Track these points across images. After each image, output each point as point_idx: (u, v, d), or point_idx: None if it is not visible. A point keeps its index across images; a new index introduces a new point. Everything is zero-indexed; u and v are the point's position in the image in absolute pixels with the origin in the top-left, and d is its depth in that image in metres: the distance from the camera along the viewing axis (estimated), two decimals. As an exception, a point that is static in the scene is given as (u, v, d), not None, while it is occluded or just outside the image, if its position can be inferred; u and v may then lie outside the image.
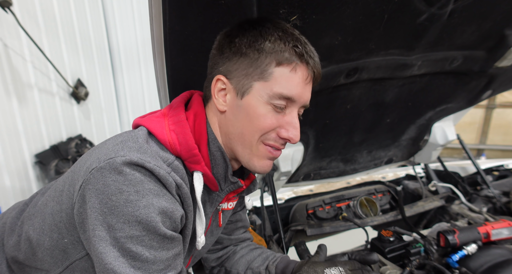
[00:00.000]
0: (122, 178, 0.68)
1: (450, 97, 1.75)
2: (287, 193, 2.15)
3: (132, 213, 0.67)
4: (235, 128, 0.82)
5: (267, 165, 0.86)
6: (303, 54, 0.78)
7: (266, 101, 0.78)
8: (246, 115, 0.79)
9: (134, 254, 0.68)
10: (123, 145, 0.73)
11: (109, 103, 4.42)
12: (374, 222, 1.71)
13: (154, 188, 0.70)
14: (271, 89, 0.77)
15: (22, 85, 2.91)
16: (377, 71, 1.32)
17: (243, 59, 0.78)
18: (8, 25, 2.72)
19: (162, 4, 0.78)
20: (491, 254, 1.20)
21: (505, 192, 1.88)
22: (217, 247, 1.21)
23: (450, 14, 1.13)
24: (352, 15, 1.00)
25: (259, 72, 0.77)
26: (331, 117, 1.55)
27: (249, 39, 0.77)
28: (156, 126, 0.80)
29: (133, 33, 4.35)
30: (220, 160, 0.85)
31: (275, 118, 0.80)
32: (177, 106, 0.85)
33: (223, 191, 0.92)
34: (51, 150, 3.21)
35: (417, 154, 2.16)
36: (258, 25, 0.79)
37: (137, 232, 0.68)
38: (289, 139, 0.82)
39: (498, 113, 7.21)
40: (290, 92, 0.78)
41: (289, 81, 0.78)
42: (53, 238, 0.79)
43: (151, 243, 0.70)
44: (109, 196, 0.67)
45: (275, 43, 0.76)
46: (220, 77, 0.81)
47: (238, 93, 0.80)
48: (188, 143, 0.78)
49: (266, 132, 0.81)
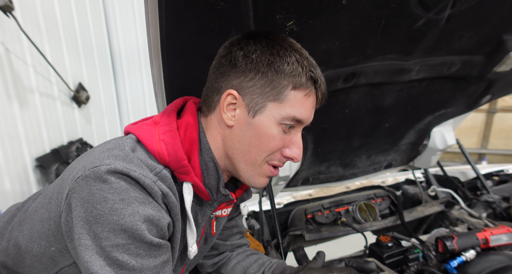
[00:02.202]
0: (107, 186, 0.67)
1: (449, 102, 1.75)
2: (286, 197, 2.14)
3: (117, 221, 0.66)
4: (241, 145, 0.82)
5: (265, 182, 0.89)
6: (317, 80, 0.81)
7: (278, 122, 0.80)
8: (256, 134, 0.80)
9: (121, 262, 0.68)
10: (109, 153, 0.72)
11: (110, 107, 4.43)
12: (373, 227, 1.70)
13: (139, 196, 0.69)
14: (284, 111, 0.79)
15: (23, 89, 2.93)
16: (375, 76, 1.33)
17: (260, 78, 0.78)
18: (10, 29, 2.74)
19: (158, 10, 0.79)
20: (490, 260, 1.19)
21: (505, 197, 1.87)
22: (213, 253, 1.21)
23: (448, 20, 1.13)
24: (349, 20, 1.00)
25: (275, 93, 0.78)
26: (329, 122, 1.55)
27: (267, 58, 0.77)
28: (146, 135, 0.79)
29: (134, 37, 4.37)
30: (212, 171, 0.85)
31: (282, 138, 0.82)
32: (169, 114, 0.84)
33: (216, 201, 0.91)
34: (52, 154, 3.21)
35: (416, 159, 2.16)
36: (275, 43, 0.79)
37: (123, 241, 0.67)
38: (293, 158, 0.85)
39: (499, 117, 7.20)
40: (301, 116, 0.81)
41: (302, 105, 0.80)
42: (41, 245, 0.79)
43: (138, 251, 0.69)
44: (94, 205, 0.66)
45: (293, 66, 0.77)
46: (232, 91, 0.80)
47: (250, 111, 0.80)
48: (177, 154, 0.77)
49: (273, 152, 0.83)
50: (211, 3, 0.80)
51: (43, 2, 3.15)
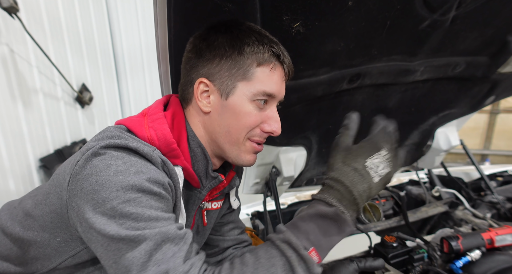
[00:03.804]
0: (108, 155, 0.70)
1: (453, 103, 1.75)
2: (290, 197, 2.15)
3: (123, 179, 0.67)
4: (221, 127, 0.86)
5: (253, 159, 0.92)
6: (280, 54, 0.84)
7: (250, 99, 0.83)
8: (232, 114, 0.84)
9: (136, 215, 0.67)
10: (102, 135, 0.77)
11: (113, 108, 4.44)
12: (377, 228, 1.71)
13: (140, 161, 0.72)
14: (254, 88, 0.82)
15: (27, 90, 2.94)
16: (380, 77, 1.33)
17: (225, 61, 0.82)
18: (14, 30, 2.75)
19: (167, 11, 0.80)
20: (495, 260, 1.19)
21: (509, 197, 1.87)
22: (215, 251, 1.21)
23: (453, 21, 1.13)
24: (354, 21, 1.01)
25: (242, 73, 0.82)
26: (334, 123, 1.56)
27: (228, 42, 0.81)
28: (135, 124, 0.82)
29: (137, 39, 4.38)
30: (200, 156, 0.89)
31: (259, 115, 0.85)
32: (156, 106, 0.88)
33: (205, 188, 0.94)
34: (55, 154, 3.22)
35: (420, 159, 2.16)
36: (234, 28, 0.83)
37: (133, 195, 0.67)
38: (272, 132, 0.88)
39: (502, 118, 7.17)
40: (271, 89, 0.84)
41: (269, 79, 0.83)
42: (44, 237, 0.80)
43: (149, 202, 0.69)
44: (98, 173, 0.68)
45: (254, 45, 0.81)
46: (202, 79, 0.84)
47: (222, 94, 0.84)
48: (166, 138, 0.80)
49: (252, 128, 0.86)
50: (219, 5, 0.82)
51: (47, 4, 3.17)
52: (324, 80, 1.23)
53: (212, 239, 1.19)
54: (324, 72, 1.20)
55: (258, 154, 0.94)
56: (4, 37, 2.66)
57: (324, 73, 1.21)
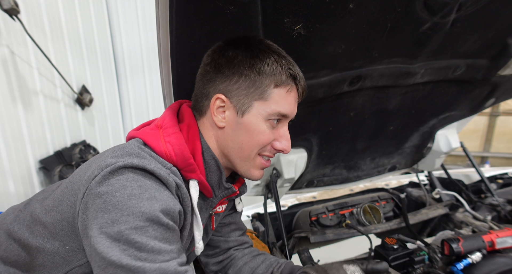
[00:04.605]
0: (125, 176, 0.71)
1: (453, 105, 1.75)
2: (290, 199, 2.15)
3: (136, 204, 0.69)
4: (234, 143, 0.88)
5: (261, 175, 0.96)
6: (296, 76, 0.87)
7: (265, 119, 0.86)
8: (246, 131, 0.86)
9: (140, 244, 0.68)
10: (122, 152, 0.77)
11: (113, 109, 4.44)
12: (378, 230, 1.71)
13: (155, 185, 0.74)
14: (270, 108, 0.85)
15: (28, 92, 2.94)
16: (380, 79, 1.33)
17: (244, 80, 0.83)
18: (15, 32, 2.75)
19: (169, 13, 0.80)
20: (496, 262, 1.19)
21: (510, 200, 1.87)
22: (216, 251, 1.21)
23: (453, 23, 1.14)
24: (355, 24, 1.01)
25: (259, 92, 0.84)
26: (334, 125, 1.56)
27: (248, 62, 0.83)
28: (151, 138, 0.84)
29: (137, 41, 4.39)
30: (214, 167, 0.91)
31: (272, 133, 0.88)
32: (170, 118, 0.89)
33: (217, 197, 0.97)
34: (55, 156, 3.22)
35: (420, 161, 2.16)
36: (254, 47, 0.85)
37: (141, 223, 0.69)
38: (283, 150, 0.91)
39: (501, 120, 7.18)
40: (285, 110, 0.87)
41: (285, 101, 0.86)
42: (54, 245, 0.81)
43: (155, 233, 0.71)
44: (113, 193, 0.69)
45: (273, 66, 0.83)
46: (220, 96, 0.85)
47: (238, 112, 0.86)
48: (183, 153, 0.82)
49: (264, 146, 0.89)
50: (221, 7, 0.82)
51: (48, 6, 3.17)
52: (325, 82, 1.23)
53: (213, 240, 1.20)
54: (325, 74, 1.20)
55: None
56: (5, 38, 2.66)
57: (325, 75, 1.21)
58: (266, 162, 0.94)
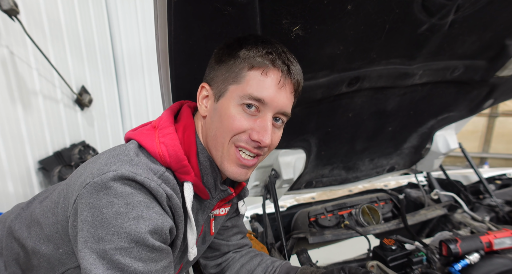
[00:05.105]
0: (113, 191, 0.70)
1: (452, 106, 1.76)
2: (289, 200, 2.15)
3: (121, 224, 0.68)
4: (211, 130, 0.85)
5: (238, 172, 0.85)
6: (275, 59, 0.79)
7: (237, 103, 0.80)
8: (219, 116, 0.82)
9: (123, 266, 0.69)
10: (115, 159, 0.75)
11: (113, 110, 4.44)
12: (376, 230, 1.71)
13: (144, 201, 0.72)
14: (242, 91, 0.79)
15: (27, 92, 2.94)
16: (379, 80, 1.34)
17: (222, 66, 0.83)
18: (14, 33, 2.76)
19: (167, 15, 0.80)
20: (494, 263, 1.20)
21: (508, 201, 1.87)
22: (215, 254, 1.21)
23: (451, 25, 1.14)
24: (354, 25, 1.01)
25: (233, 76, 0.81)
26: (333, 126, 1.56)
27: (229, 49, 0.82)
28: (146, 139, 0.82)
29: (137, 41, 4.40)
30: (209, 169, 0.88)
31: (246, 120, 0.81)
32: (166, 118, 0.87)
33: (214, 199, 0.94)
34: (54, 156, 3.22)
35: (419, 162, 2.16)
36: (242, 37, 0.83)
37: (126, 244, 0.69)
38: (259, 141, 0.81)
39: (500, 121, 7.18)
40: (260, 94, 0.79)
41: (260, 84, 0.79)
42: (49, 247, 0.81)
43: (140, 254, 0.71)
44: (100, 209, 0.69)
45: (250, 50, 0.80)
46: (204, 85, 0.86)
47: (215, 97, 0.84)
48: (177, 155, 0.80)
49: (237, 133, 0.81)
50: (219, 9, 0.82)
51: (47, 6, 3.18)
52: (323, 83, 1.23)
53: (215, 243, 1.20)
54: (323, 75, 1.21)
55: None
56: (4, 39, 2.66)
57: (323, 76, 1.21)
58: (243, 158, 0.84)
